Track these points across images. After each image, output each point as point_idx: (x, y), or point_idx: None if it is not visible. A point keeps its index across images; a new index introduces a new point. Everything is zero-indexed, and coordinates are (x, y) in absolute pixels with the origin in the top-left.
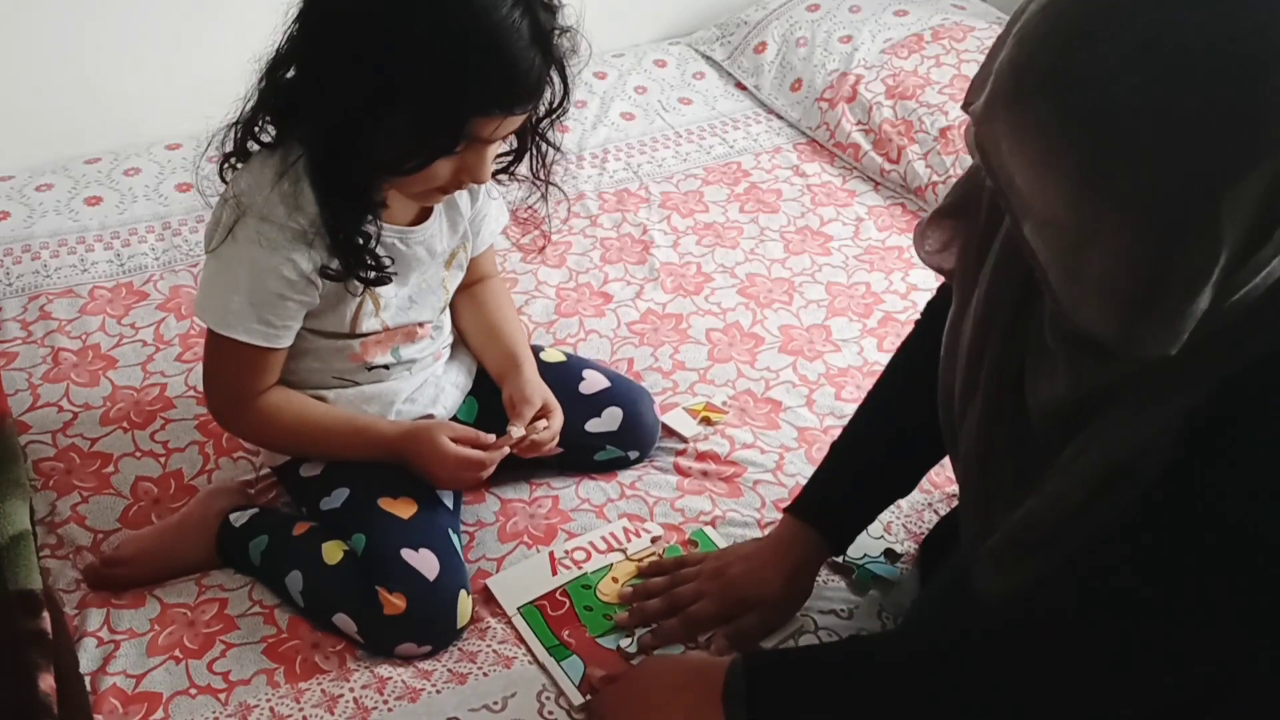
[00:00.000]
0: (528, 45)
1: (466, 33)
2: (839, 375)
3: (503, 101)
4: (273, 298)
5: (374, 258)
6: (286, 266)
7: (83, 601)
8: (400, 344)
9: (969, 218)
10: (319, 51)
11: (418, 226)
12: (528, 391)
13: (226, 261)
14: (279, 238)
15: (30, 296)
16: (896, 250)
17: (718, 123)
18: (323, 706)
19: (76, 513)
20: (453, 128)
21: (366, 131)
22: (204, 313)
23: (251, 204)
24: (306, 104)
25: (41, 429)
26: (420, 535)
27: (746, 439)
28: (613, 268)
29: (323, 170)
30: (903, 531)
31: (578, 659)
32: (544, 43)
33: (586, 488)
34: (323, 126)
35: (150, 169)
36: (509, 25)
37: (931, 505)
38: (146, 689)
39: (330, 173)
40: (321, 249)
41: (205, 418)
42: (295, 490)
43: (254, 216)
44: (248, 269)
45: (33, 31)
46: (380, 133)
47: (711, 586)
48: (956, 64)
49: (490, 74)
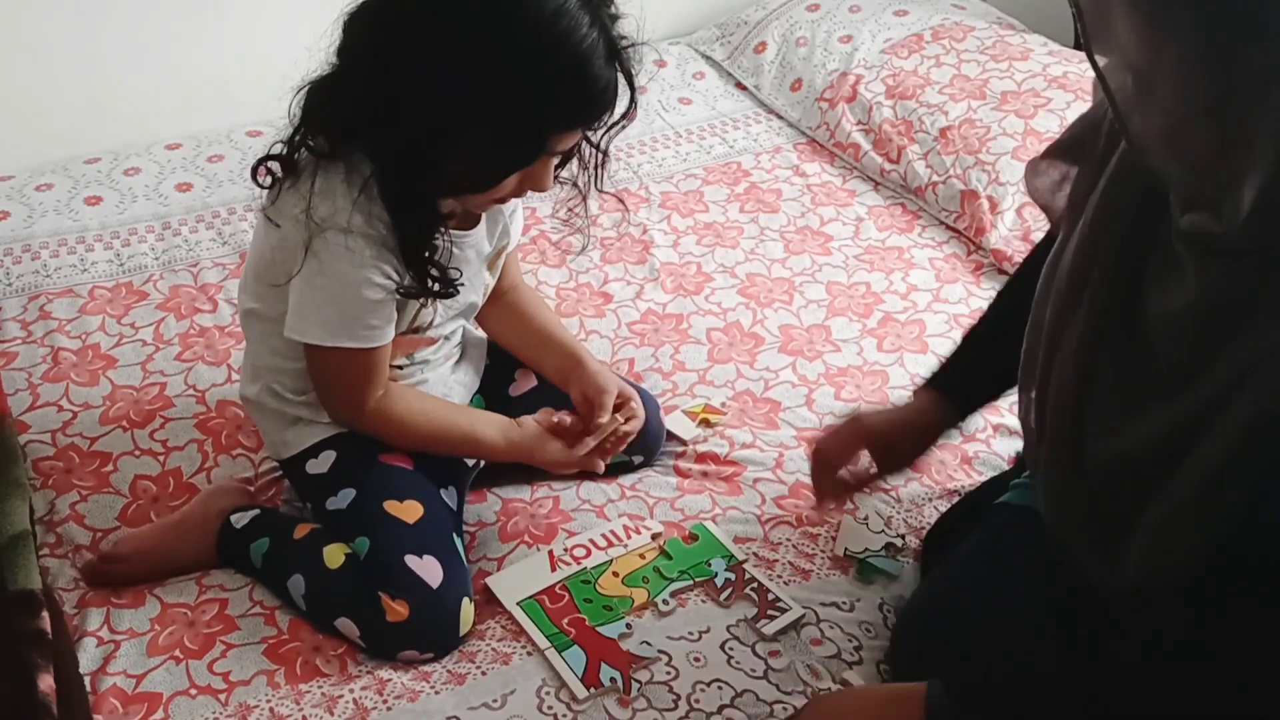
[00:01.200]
0: (605, 62)
1: (552, 55)
2: (838, 375)
3: (584, 117)
4: (368, 304)
5: (442, 270)
6: (376, 274)
7: (82, 601)
8: (420, 348)
9: (1084, 155)
10: (396, 73)
11: (469, 231)
12: (601, 382)
13: (312, 279)
14: (364, 248)
15: (30, 296)
16: (896, 250)
17: (718, 123)
18: (322, 707)
19: (75, 511)
20: (534, 145)
21: (442, 149)
22: (304, 333)
23: (328, 219)
24: (379, 123)
25: (41, 428)
26: (425, 541)
27: (745, 439)
28: (613, 268)
29: (393, 187)
30: (904, 526)
31: (579, 649)
32: (618, 58)
33: (587, 488)
34: (395, 146)
35: (150, 169)
36: (590, 45)
37: (932, 500)
38: (147, 689)
39: (400, 189)
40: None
41: (204, 416)
42: (301, 486)
43: (335, 230)
44: (338, 282)
45: (33, 32)
46: (457, 150)
47: (850, 429)
48: (956, 64)
49: (574, 93)
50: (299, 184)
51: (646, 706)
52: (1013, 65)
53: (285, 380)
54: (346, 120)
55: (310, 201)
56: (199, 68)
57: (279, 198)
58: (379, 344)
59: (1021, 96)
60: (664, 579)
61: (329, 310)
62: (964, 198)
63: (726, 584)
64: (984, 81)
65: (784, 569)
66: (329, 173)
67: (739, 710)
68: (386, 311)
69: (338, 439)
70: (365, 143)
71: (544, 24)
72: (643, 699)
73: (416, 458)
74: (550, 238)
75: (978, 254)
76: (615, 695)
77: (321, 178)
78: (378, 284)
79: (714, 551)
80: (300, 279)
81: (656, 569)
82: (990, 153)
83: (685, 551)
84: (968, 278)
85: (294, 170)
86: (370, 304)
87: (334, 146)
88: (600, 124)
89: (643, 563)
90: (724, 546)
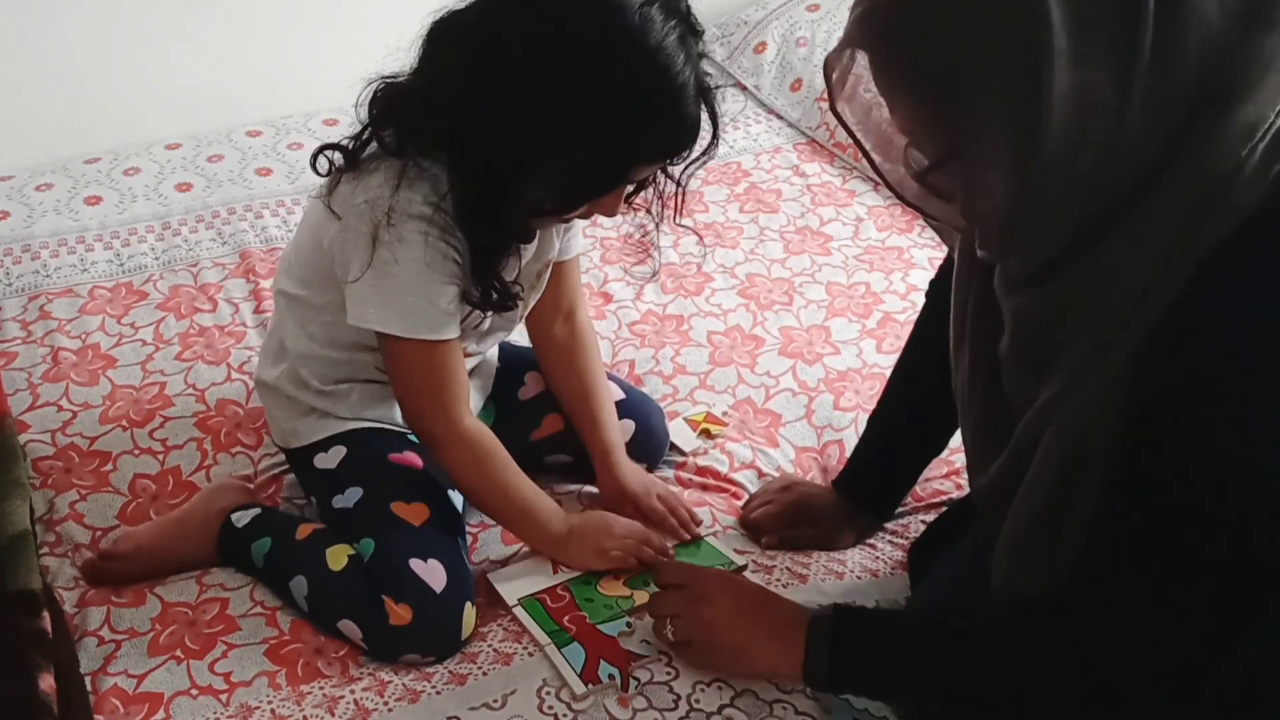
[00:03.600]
0: (694, 100)
1: (649, 92)
2: (838, 380)
3: (668, 152)
4: (445, 289)
5: (504, 284)
6: (446, 275)
7: (83, 600)
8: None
9: None
10: (491, 97)
11: (525, 246)
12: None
13: (385, 269)
14: (435, 230)
15: (30, 296)
16: (896, 250)
17: None
18: (323, 708)
19: (75, 510)
20: (615, 176)
21: (524, 173)
22: (384, 324)
23: (404, 212)
24: (465, 140)
25: (41, 428)
26: (430, 544)
27: (746, 456)
28: (613, 268)
29: (469, 200)
30: (884, 534)
31: (579, 646)
32: (705, 96)
33: (590, 492)
34: (476, 168)
35: (150, 169)
36: (683, 82)
37: (916, 512)
38: (147, 689)
39: (476, 203)
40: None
41: (204, 414)
42: (307, 480)
43: (417, 220)
44: (411, 268)
45: (33, 32)
46: (539, 175)
47: (780, 497)
48: None
49: (662, 130)
50: (363, 177)
51: (646, 706)
52: None
53: (315, 367)
54: (431, 131)
55: (378, 193)
56: (199, 68)
57: (337, 188)
58: (451, 336)
59: None
60: None
61: (406, 300)
62: None
63: None
64: None
65: (782, 574)
66: (405, 170)
67: (739, 710)
68: (455, 308)
69: (349, 435)
70: (446, 154)
71: (644, 61)
72: (642, 698)
73: (426, 456)
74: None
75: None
76: (614, 693)
77: (395, 172)
78: (446, 285)
79: (715, 559)
80: (373, 271)
81: None
82: None
83: (687, 556)
84: None
85: (355, 164)
86: (442, 287)
87: (405, 147)
88: (680, 159)
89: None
90: (724, 555)
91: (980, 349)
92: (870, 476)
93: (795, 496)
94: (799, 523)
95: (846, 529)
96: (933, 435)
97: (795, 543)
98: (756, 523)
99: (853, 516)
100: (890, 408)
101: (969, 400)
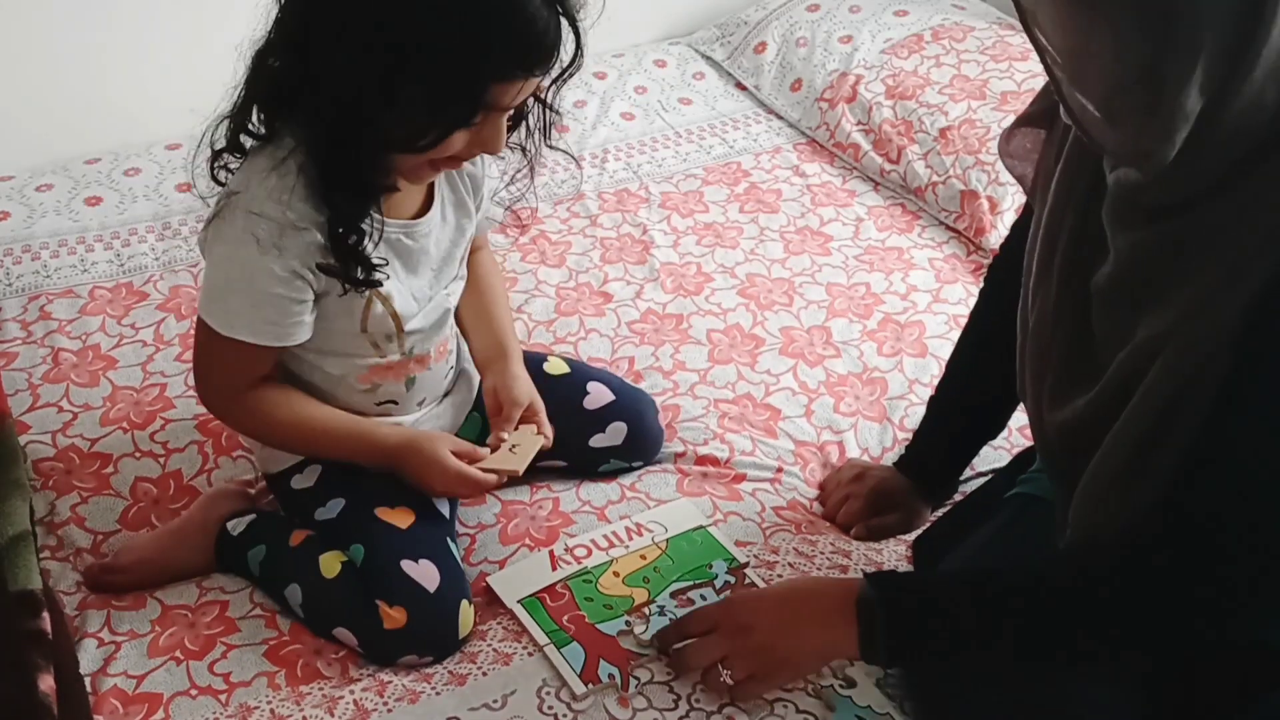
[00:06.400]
0: (543, 2)
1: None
2: (838, 384)
3: (523, 63)
4: (271, 297)
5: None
6: (278, 264)
7: (83, 603)
8: (413, 371)
9: (1049, 125)
10: (317, 30)
11: (420, 219)
12: (515, 391)
13: (220, 261)
14: (269, 233)
15: (30, 296)
16: (896, 251)
17: (718, 123)
18: (323, 708)
19: (76, 513)
20: (472, 96)
21: (374, 112)
22: (207, 314)
23: (242, 200)
24: (305, 89)
25: (41, 429)
26: (420, 545)
27: (745, 446)
28: (612, 267)
29: (326, 161)
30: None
31: (578, 646)
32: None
33: (588, 490)
34: (325, 112)
35: (150, 169)
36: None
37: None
38: (147, 690)
39: (335, 162)
40: (315, 246)
41: (205, 417)
42: (287, 502)
43: (243, 212)
44: (240, 268)
45: (33, 32)
46: (390, 111)
47: (857, 488)
48: (956, 64)
49: (509, 35)
50: (241, 165)
51: (646, 706)
52: (1013, 65)
53: None
54: (276, 91)
55: (236, 181)
56: (199, 68)
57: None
58: (282, 343)
59: (1021, 97)
60: (665, 579)
61: (229, 296)
62: (964, 198)
63: (726, 585)
64: (984, 82)
65: (784, 569)
66: (257, 154)
67: (739, 710)
68: (292, 309)
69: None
70: (298, 113)
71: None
72: (642, 698)
73: None
74: (550, 237)
75: (978, 254)
76: (614, 693)
77: (251, 158)
78: (278, 275)
79: (715, 554)
80: (208, 256)
81: (657, 569)
82: (990, 153)
83: (686, 553)
84: (967, 278)
85: (239, 148)
86: (272, 296)
87: (269, 121)
88: (543, 71)
89: (644, 563)
90: (725, 549)
91: (1069, 283)
92: (935, 458)
93: (873, 484)
94: (883, 509)
95: (923, 509)
96: (996, 418)
97: (883, 531)
98: (842, 521)
99: (924, 498)
100: (954, 389)
101: (1052, 337)
